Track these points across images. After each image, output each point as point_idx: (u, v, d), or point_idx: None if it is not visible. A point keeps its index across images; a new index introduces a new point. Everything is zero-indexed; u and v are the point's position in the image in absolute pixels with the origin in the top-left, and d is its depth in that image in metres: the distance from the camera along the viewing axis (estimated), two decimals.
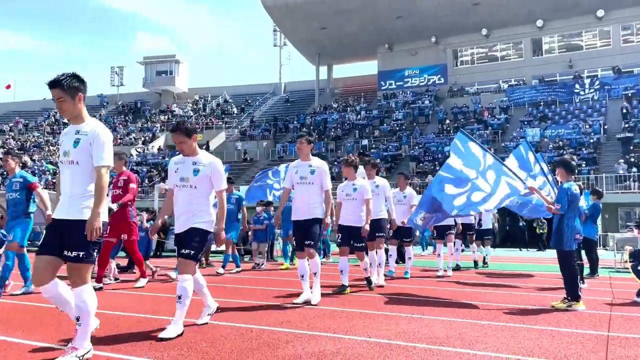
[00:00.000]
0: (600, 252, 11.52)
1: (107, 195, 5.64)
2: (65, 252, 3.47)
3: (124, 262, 10.26)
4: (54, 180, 34.44)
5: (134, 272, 9.60)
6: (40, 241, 3.62)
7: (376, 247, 7.89)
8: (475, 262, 11.86)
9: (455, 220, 10.29)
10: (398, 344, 4.02)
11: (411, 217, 8.48)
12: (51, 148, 43.79)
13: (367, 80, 47.17)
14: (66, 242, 3.48)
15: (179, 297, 4.33)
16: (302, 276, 6.04)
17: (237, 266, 10.22)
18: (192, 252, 4.40)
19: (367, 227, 6.91)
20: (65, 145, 3.67)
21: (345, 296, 6.69)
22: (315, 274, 6.07)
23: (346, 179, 7.20)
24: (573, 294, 5.88)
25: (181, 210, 4.57)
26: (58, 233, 3.53)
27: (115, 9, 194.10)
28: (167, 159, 39.43)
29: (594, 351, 3.92)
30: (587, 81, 36.27)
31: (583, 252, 9.16)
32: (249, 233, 12.42)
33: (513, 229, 22.40)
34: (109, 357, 3.59)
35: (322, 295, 6.55)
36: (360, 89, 47.06)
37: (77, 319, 3.47)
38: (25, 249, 6.64)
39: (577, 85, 36.16)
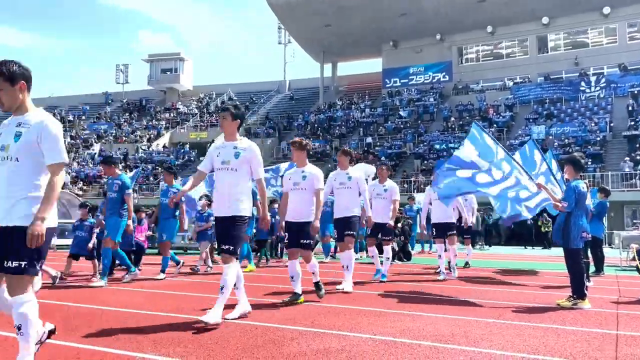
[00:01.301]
0: (606, 250, 11.48)
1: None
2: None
3: None
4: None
5: (140, 269, 9.63)
6: None
7: (345, 248, 7.14)
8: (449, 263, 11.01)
9: (455, 219, 9.60)
10: (403, 342, 4.02)
11: (435, 182, 8.48)
12: None
13: (371, 78, 47.07)
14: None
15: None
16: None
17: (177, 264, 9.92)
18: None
19: (317, 224, 5.98)
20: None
21: (350, 294, 6.69)
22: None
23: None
24: (579, 292, 5.86)
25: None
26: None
27: (116, 7, 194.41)
28: (171, 156, 39.56)
29: (599, 349, 3.90)
30: (592, 79, 36.10)
31: (588, 250, 9.12)
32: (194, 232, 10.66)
33: (519, 227, 22.32)
34: (116, 353, 3.60)
35: (322, 293, 6.54)
36: (364, 87, 46.97)
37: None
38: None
39: (582, 83, 35.98)
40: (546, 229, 20.50)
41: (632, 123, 29.74)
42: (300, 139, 6.14)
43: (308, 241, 5.93)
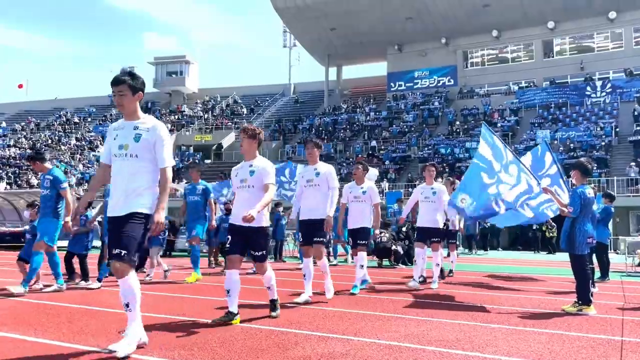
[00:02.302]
0: (612, 255, 11.43)
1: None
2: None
3: None
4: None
5: (144, 272, 9.65)
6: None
7: (313, 254, 6.28)
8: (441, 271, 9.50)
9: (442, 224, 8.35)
10: (408, 346, 4.02)
11: (452, 199, 7.68)
12: (62, 147, 44.14)
13: (376, 82, 47.10)
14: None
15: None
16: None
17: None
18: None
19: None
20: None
21: (354, 297, 6.68)
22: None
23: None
24: (584, 298, 5.84)
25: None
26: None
27: (122, 9, 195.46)
28: (176, 158, 39.67)
29: (604, 356, 3.89)
30: (598, 83, 36.00)
31: (594, 256, 9.08)
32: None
33: (525, 232, 22.21)
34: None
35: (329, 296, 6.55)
36: (369, 90, 47.01)
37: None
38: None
39: (588, 88, 35.90)
40: (551, 234, 20.42)
41: (638, 128, 29.64)
42: (253, 127, 5.10)
43: (261, 253, 5.03)
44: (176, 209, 14.24)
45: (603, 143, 28.94)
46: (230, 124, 44.91)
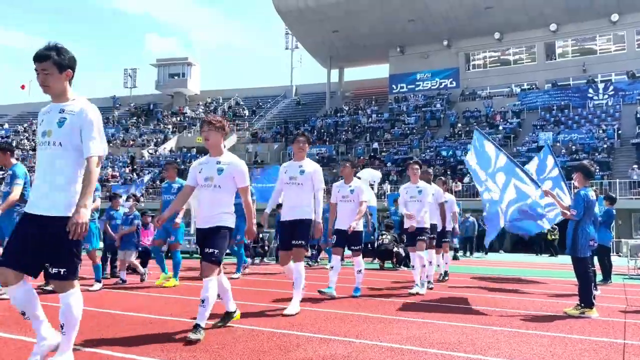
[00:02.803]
0: (614, 258, 11.40)
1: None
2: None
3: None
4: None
5: (150, 273, 9.66)
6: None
7: (294, 258, 5.70)
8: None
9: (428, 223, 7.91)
10: (409, 349, 4.01)
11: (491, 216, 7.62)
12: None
13: (378, 84, 47.12)
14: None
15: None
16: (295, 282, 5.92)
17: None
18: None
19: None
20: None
21: (356, 300, 6.68)
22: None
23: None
24: (586, 301, 5.83)
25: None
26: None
27: (123, 11, 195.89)
28: (178, 160, 39.72)
29: (607, 359, 3.88)
30: (600, 86, 35.96)
31: (596, 259, 9.06)
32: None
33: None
34: (122, 357, 3.61)
35: (332, 299, 6.55)
36: (371, 92, 47.03)
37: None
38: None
39: (590, 90, 35.86)
40: (553, 237, 20.37)
41: None
42: (218, 118, 4.66)
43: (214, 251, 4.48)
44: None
45: (605, 145, 28.91)
46: (232, 125, 44.96)
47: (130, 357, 3.62)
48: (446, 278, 9.39)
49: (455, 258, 15.52)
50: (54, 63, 3.18)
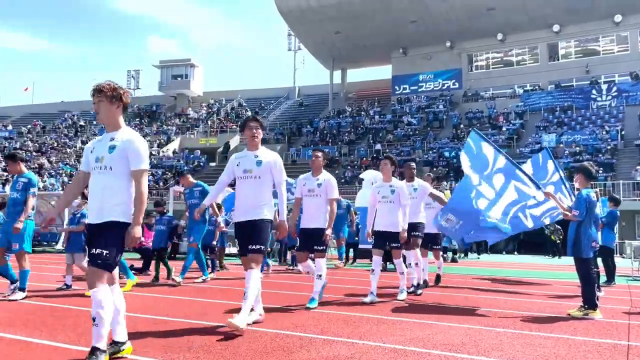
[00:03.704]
0: (618, 259, 11.37)
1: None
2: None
3: (138, 264, 10.36)
4: (70, 183, 34.85)
5: (149, 274, 9.69)
6: None
7: (252, 263, 4.75)
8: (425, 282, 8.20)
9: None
10: (413, 350, 4.01)
11: (436, 219, 7.41)
12: (68, 150, 44.34)
13: (381, 85, 47.12)
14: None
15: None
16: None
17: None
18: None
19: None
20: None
21: (358, 300, 6.67)
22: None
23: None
24: (590, 302, 5.82)
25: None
26: None
27: (125, 12, 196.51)
28: (181, 161, 39.77)
29: None
30: (604, 87, 35.86)
31: (599, 260, 9.05)
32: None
33: (530, 236, 21.89)
34: (125, 357, 3.62)
35: (338, 303, 6.53)
36: (374, 94, 47.03)
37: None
38: None
39: (594, 91, 35.78)
40: (556, 239, 20.21)
41: None
42: (112, 84, 3.70)
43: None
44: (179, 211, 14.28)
45: (609, 147, 28.84)
46: (235, 127, 45.01)
47: (133, 357, 3.63)
48: (438, 283, 8.73)
49: (454, 260, 15.40)
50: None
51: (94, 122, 50.92)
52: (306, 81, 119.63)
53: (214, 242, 10.60)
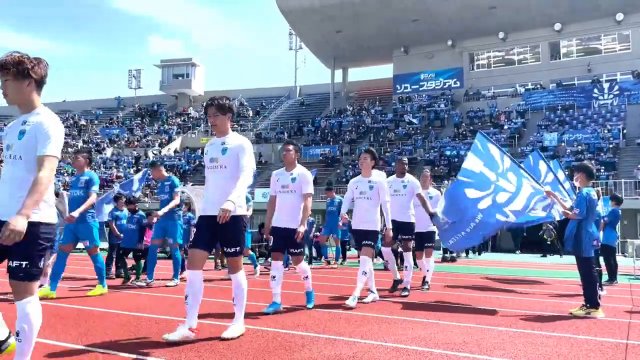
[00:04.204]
0: (619, 258, 11.35)
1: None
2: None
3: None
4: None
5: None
6: None
7: (230, 268, 4.59)
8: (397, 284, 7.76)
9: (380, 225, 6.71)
10: (415, 349, 4.01)
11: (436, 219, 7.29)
12: (69, 150, 44.39)
13: (382, 84, 47.09)
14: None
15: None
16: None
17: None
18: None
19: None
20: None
21: (360, 299, 6.65)
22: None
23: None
24: (592, 301, 5.81)
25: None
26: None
27: (127, 12, 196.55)
28: (182, 161, 39.81)
29: (613, 359, 3.86)
30: (605, 86, 35.80)
31: (601, 259, 9.03)
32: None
33: (532, 234, 21.80)
34: (127, 357, 3.62)
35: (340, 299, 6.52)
36: (375, 93, 47.00)
37: None
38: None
39: (595, 90, 35.72)
40: (548, 238, 20.10)
41: None
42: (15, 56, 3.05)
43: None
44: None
45: (610, 145, 28.80)
46: (236, 126, 45.03)
47: (136, 357, 3.63)
48: (426, 287, 7.98)
49: (453, 260, 15.29)
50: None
51: (95, 122, 51.05)
52: (307, 80, 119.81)
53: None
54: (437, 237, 8.40)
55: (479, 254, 19.53)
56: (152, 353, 3.72)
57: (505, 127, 34.35)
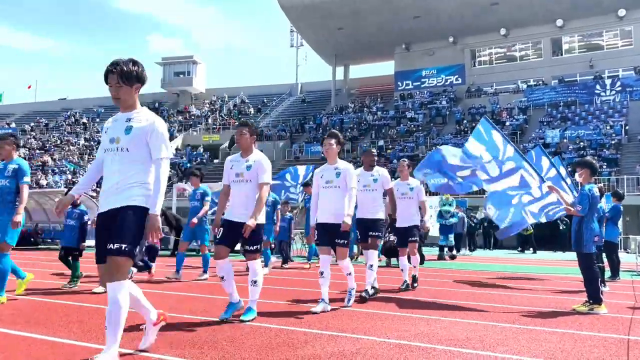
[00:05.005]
0: (622, 255, 11.34)
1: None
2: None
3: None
4: (74, 180, 34.90)
5: (152, 274, 9.69)
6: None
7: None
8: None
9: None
10: (418, 345, 4.00)
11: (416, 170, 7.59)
12: (71, 148, 44.42)
13: (383, 81, 47.04)
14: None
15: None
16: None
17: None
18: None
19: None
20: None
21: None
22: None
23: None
24: (594, 297, 5.80)
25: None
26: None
27: (127, 11, 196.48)
28: (184, 158, 39.81)
29: (617, 355, 3.86)
30: (608, 82, 35.73)
31: (604, 255, 9.02)
32: None
33: (543, 231, 21.64)
34: (131, 354, 3.62)
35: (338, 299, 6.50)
36: (376, 90, 46.94)
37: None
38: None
39: (597, 86, 35.65)
40: (527, 233, 20.00)
41: None
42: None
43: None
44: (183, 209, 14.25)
45: (613, 142, 28.75)
46: (237, 123, 44.97)
47: (139, 353, 3.63)
48: (413, 287, 7.50)
49: (452, 257, 15.18)
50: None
51: (97, 120, 51.05)
52: (309, 77, 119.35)
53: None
54: (422, 232, 8.42)
55: (472, 251, 19.55)
56: (156, 349, 3.71)
57: (507, 123, 34.29)
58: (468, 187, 8.46)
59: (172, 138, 44.60)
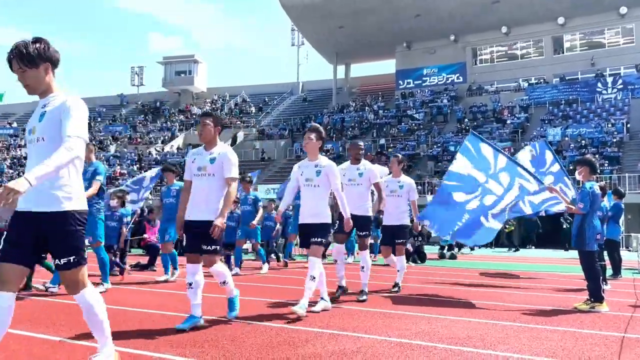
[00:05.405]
0: (623, 253, 11.33)
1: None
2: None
3: (144, 260, 10.39)
4: None
5: (155, 270, 9.72)
6: None
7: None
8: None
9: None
10: (418, 344, 4.00)
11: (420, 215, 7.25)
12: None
13: (384, 79, 46.99)
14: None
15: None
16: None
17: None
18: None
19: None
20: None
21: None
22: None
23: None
24: (596, 295, 5.80)
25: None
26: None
27: (128, 10, 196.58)
28: (185, 157, 39.82)
29: (618, 353, 3.85)
30: (609, 80, 35.65)
31: (605, 253, 9.01)
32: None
33: (548, 229, 21.62)
34: (132, 353, 3.63)
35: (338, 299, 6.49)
36: (378, 88, 46.90)
37: None
38: None
39: (599, 84, 35.57)
40: (508, 229, 20.02)
41: None
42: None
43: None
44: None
45: (614, 140, 28.69)
46: (239, 122, 45.02)
47: (141, 352, 3.63)
48: (396, 289, 7.13)
49: (453, 257, 15.09)
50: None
51: (98, 119, 51.09)
52: (310, 76, 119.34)
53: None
54: (414, 233, 8.27)
55: (472, 250, 19.49)
56: (157, 348, 3.72)
57: (509, 122, 34.25)
58: (477, 226, 7.00)
59: (173, 137, 44.64)
